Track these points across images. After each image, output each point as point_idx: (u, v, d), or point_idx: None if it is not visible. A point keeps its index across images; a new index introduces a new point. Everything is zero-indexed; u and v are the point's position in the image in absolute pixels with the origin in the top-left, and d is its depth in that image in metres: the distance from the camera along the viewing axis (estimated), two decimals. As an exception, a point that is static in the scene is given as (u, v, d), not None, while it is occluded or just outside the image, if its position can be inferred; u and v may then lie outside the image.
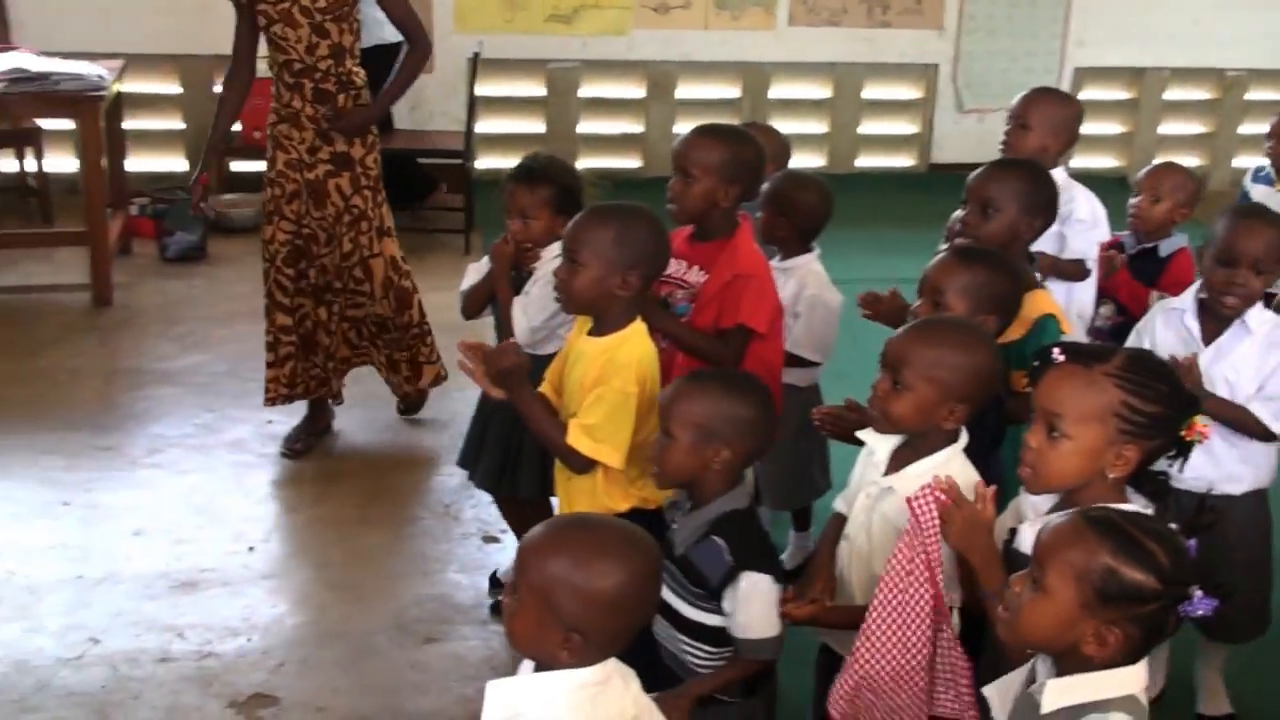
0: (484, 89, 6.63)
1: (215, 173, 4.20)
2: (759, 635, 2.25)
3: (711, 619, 2.28)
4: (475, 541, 3.80)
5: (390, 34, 4.30)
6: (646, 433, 2.53)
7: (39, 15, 6.35)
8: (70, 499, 3.92)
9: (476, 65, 6.31)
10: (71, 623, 3.33)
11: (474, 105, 6.30)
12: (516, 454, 3.26)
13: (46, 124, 6.18)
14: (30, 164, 6.35)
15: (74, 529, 3.79)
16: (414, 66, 4.08)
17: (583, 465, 2.53)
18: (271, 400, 4.19)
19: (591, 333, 2.59)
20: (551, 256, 3.10)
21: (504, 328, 3.19)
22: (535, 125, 7.23)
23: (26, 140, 6.23)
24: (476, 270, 3.28)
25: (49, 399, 4.57)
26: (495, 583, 3.52)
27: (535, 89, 7.18)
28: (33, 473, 4.06)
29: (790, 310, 3.25)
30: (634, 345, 2.55)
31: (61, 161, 6.42)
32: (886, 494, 2.29)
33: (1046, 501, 2.09)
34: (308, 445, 4.25)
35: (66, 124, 6.05)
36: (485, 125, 6.93)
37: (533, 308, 3.11)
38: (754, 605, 2.23)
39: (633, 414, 2.49)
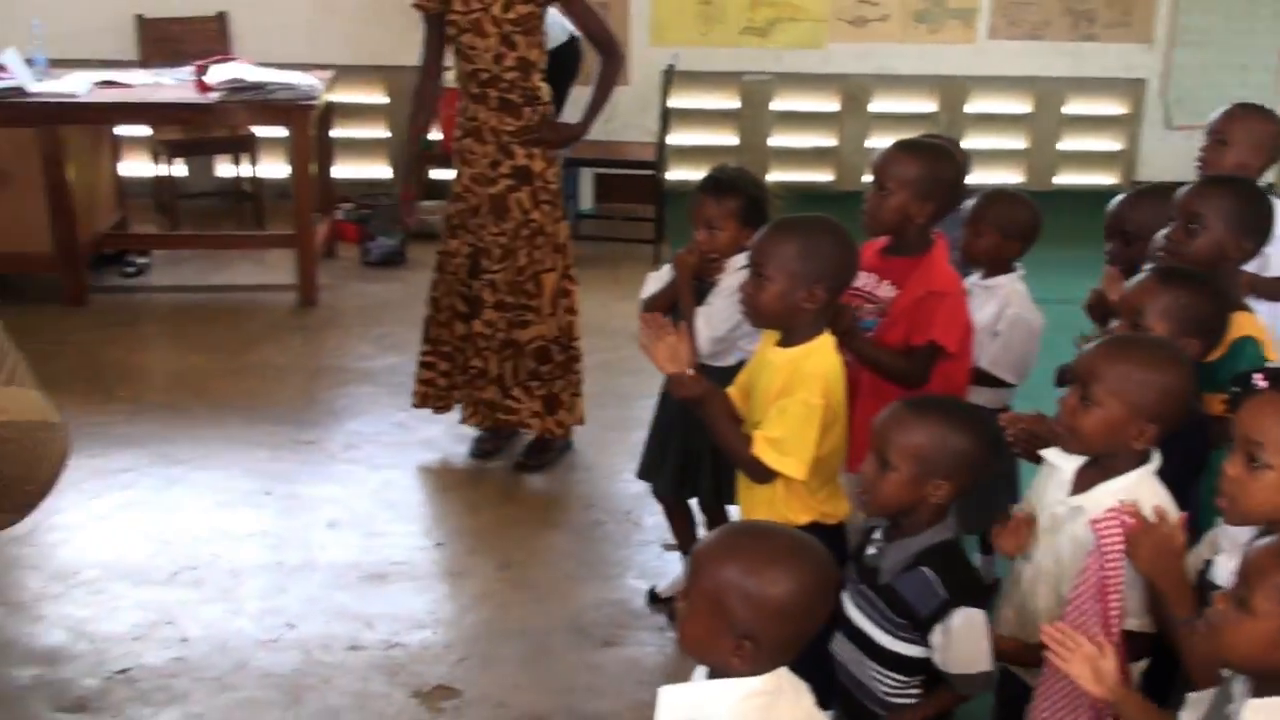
0: (677, 101, 6.68)
1: (416, 184, 4.29)
2: (972, 670, 2.20)
3: (911, 650, 2.22)
4: (655, 549, 3.83)
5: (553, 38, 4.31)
6: (830, 445, 2.51)
7: (257, 28, 6.67)
8: (272, 489, 4.10)
9: (671, 78, 6.36)
10: (269, 607, 3.48)
11: (667, 117, 6.36)
12: (696, 460, 3.28)
13: (261, 131, 6.47)
14: (245, 169, 6.67)
15: (274, 518, 3.96)
16: (611, 78, 4.10)
17: (765, 476, 2.52)
18: (420, 403, 4.30)
19: (779, 343, 2.58)
20: (736, 268, 3.10)
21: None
22: (728, 138, 7.25)
23: (243, 147, 6.54)
24: (658, 279, 3.29)
25: (256, 393, 4.79)
26: (654, 598, 3.55)
27: (728, 101, 7.20)
28: (239, 463, 4.26)
29: (989, 329, 3.19)
30: (821, 357, 2.53)
31: (273, 168, 6.72)
32: (1076, 514, 2.22)
33: (1245, 534, 2.00)
34: (495, 447, 4.34)
35: (279, 131, 6.34)
36: (677, 137, 6.99)
37: (715, 319, 3.12)
38: (969, 641, 2.18)
39: (817, 426, 2.47)
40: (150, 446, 4.31)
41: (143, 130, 6.41)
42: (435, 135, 6.70)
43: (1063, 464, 2.27)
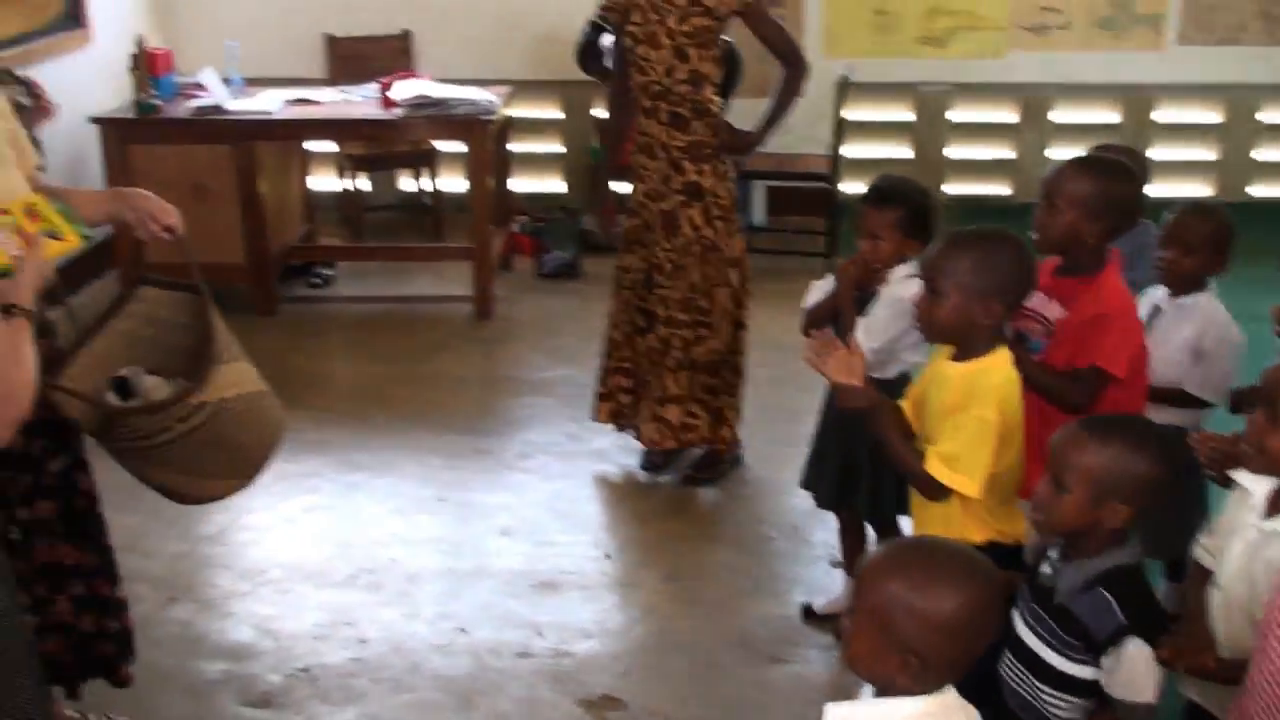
0: (850, 113, 6.62)
1: (610, 197, 4.33)
2: (1138, 700, 2.13)
3: (1083, 671, 2.17)
4: (823, 565, 3.79)
5: None
6: (1006, 463, 2.46)
7: (439, 45, 6.85)
8: (447, 496, 4.20)
9: (845, 89, 6.30)
10: (443, 611, 3.56)
11: (842, 130, 6.30)
12: (855, 471, 3.25)
13: (442, 146, 6.64)
14: (426, 183, 6.85)
15: (449, 524, 4.05)
16: (793, 88, 4.07)
17: (939, 493, 2.48)
18: (603, 418, 4.34)
19: (954, 357, 2.54)
20: (899, 278, 3.08)
21: None
22: (903, 150, 7.15)
23: (424, 161, 6.73)
24: (820, 288, 3.28)
25: (434, 402, 4.91)
26: (810, 614, 3.52)
27: (904, 113, 7.11)
28: (416, 469, 4.37)
29: (1188, 349, 3.09)
30: (996, 372, 2.48)
31: (453, 181, 6.89)
32: (1272, 539, 2.12)
33: None
34: (665, 460, 4.36)
35: (459, 146, 6.49)
36: (851, 150, 6.92)
37: (876, 329, 3.08)
38: (1140, 670, 2.12)
39: (992, 443, 2.42)
40: (334, 452, 4.46)
41: (330, 145, 6.64)
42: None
43: (1255, 486, 2.18)
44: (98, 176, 5.62)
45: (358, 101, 5.81)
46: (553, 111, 7.06)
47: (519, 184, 6.85)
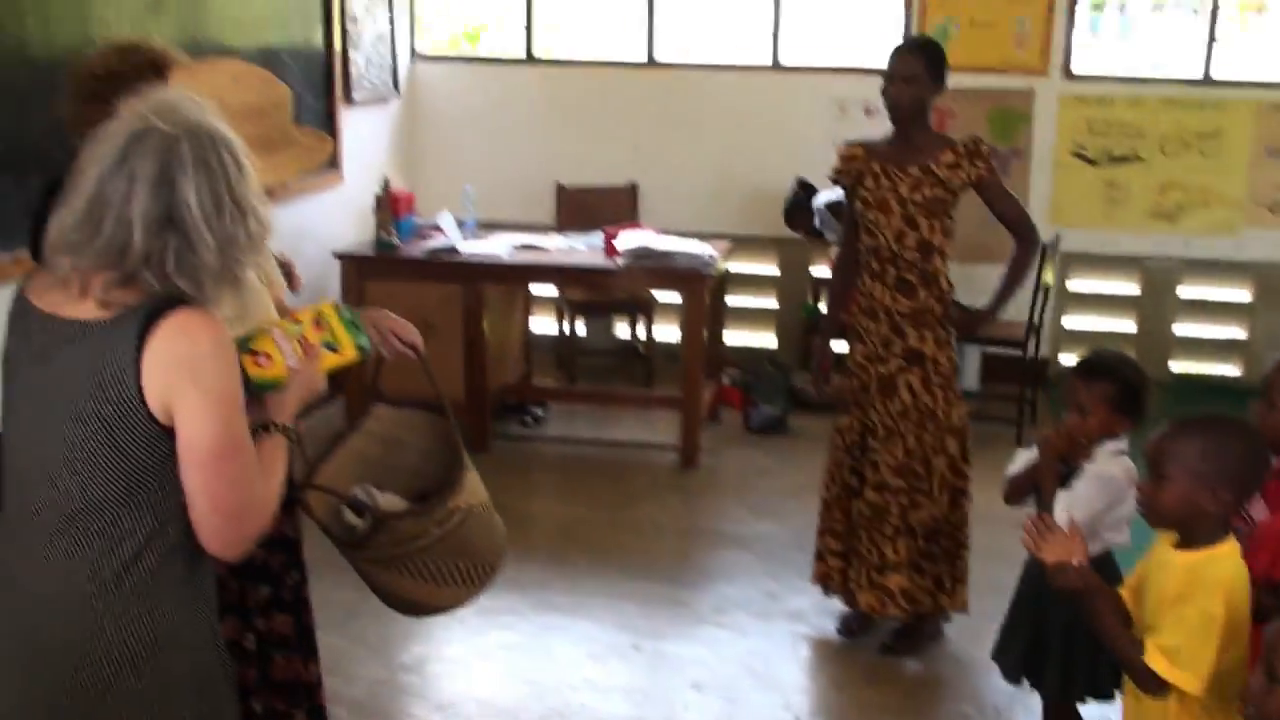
0: (1073, 284, 6.52)
1: (828, 356, 4.34)
2: None
3: None
4: (1026, 751, 3.63)
5: None
6: (1230, 661, 2.32)
7: (664, 199, 7.06)
8: (641, 644, 4.19)
9: (1048, 254, 6.19)
10: (629, 763, 3.53)
11: (1046, 294, 6.15)
12: (1044, 648, 3.12)
13: (659, 295, 6.79)
14: (641, 331, 7.00)
15: (641, 673, 4.03)
16: (1025, 262, 4.04)
17: (1156, 687, 2.35)
18: (815, 579, 4.27)
19: (1177, 545, 2.43)
20: (1105, 455, 3.01)
21: None
22: (1126, 324, 6.96)
23: (641, 309, 6.88)
24: (1024, 457, 3.21)
25: (633, 548, 4.93)
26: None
27: (1128, 287, 6.94)
28: (611, 615, 4.38)
29: None
30: (1224, 564, 2.36)
31: (667, 330, 7.01)
32: None
33: None
34: (862, 627, 4.26)
35: (676, 297, 6.62)
36: (1072, 321, 6.79)
37: (1077, 505, 2.98)
38: None
39: (1217, 638, 2.29)
40: (531, 591, 4.51)
41: (552, 290, 6.87)
42: (824, 307, 6.83)
43: None
44: (335, 308, 5.92)
45: (582, 249, 6.00)
46: (769, 267, 7.15)
47: (732, 337, 6.93)
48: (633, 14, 7.13)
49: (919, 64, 3.87)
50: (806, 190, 6.08)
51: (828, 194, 5.76)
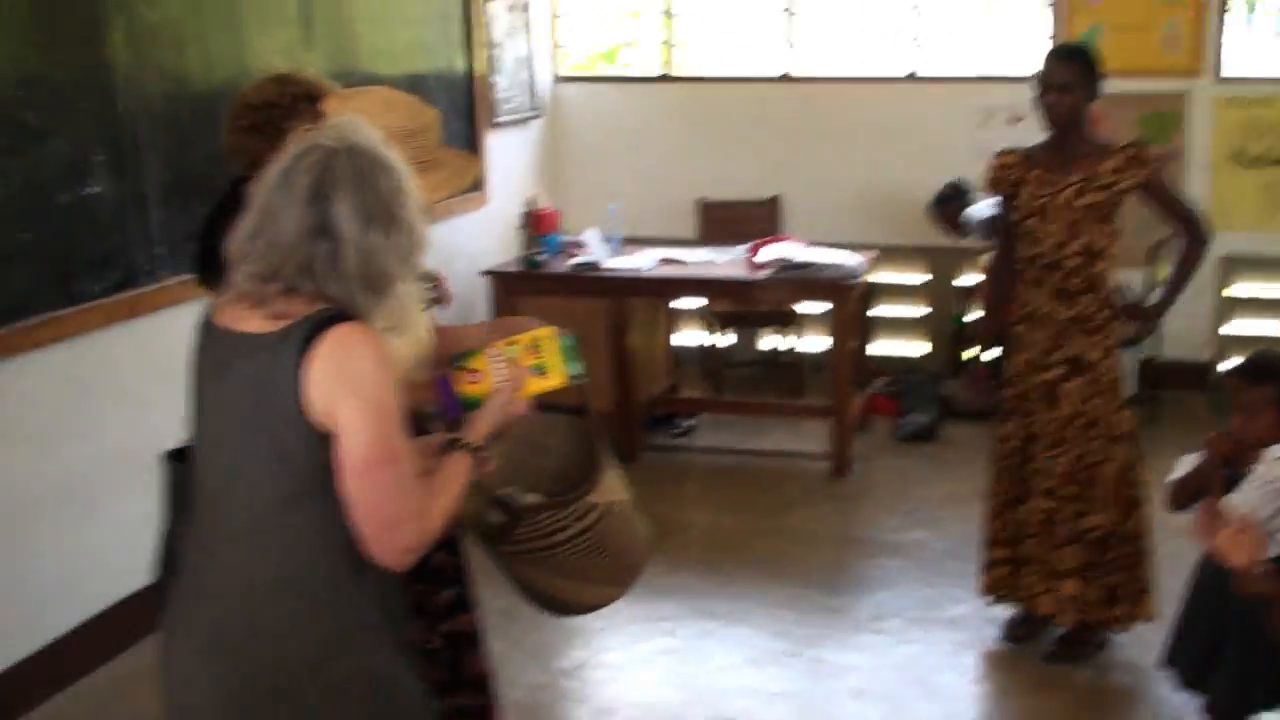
0: (1235, 289, 6.31)
1: (984, 369, 4.25)
2: None
3: None
4: (1204, 760, 3.50)
5: None
6: None
7: (806, 210, 7.03)
8: (799, 651, 4.16)
9: (1228, 264, 6.01)
10: (792, 768, 3.50)
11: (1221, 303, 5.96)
12: (1221, 652, 3.01)
13: (805, 307, 6.75)
14: (787, 342, 6.96)
15: (800, 680, 4.00)
16: (1195, 258, 3.93)
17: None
18: (982, 591, 4.19)
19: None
20: (1272, 458, 2.91)
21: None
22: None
23: (786, 321, 6.85)
24: (1188, 463, 3.12)
25: (788, 556, 4.91)
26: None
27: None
28: (768, 622, 4.36)
29: None
30: None
31: (814, 341, 6.97)
32: None
33: None
34: (1029, 633, 4.16)
35: (822, 307, 6.58)
36: (1238, 326, 6.57)
37: (1243, 509, 2.87)
38: None
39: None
40: (688, 599, 4.51)
41: (697, 303, 6.88)
42: (970, 315, 6.73)
43: None
44: (485, 325, 6.03)
45: (725, 262, 6.01)
46: (916, 276, 7.06)
47: (880, 346, 6.86)
48: (769, 29, 7.13)
49: (1074, 71, 3.79)
50: (959, 191, 6.00)
51: (983, 207, 5.68)
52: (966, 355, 6.59)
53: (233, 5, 4.63)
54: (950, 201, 6.06)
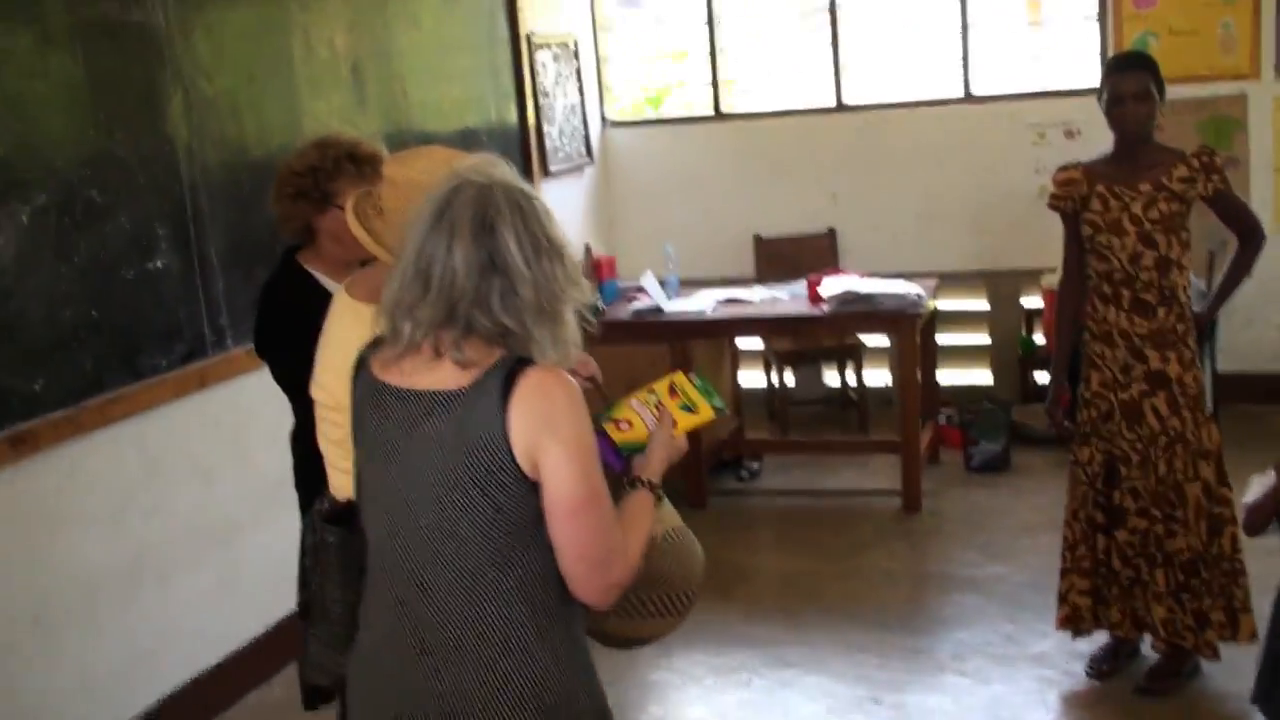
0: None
1: (1061, 388, 4.17)
2: None
3: None
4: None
5: None
6: None
7: (864, 242, 6.98)
8: (881, 696, 4.09)
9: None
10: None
11: None
12: None
13: (867, 339, 6.69)
14: (851, 377, 6.90)
15: (884, 727, 3.94)
16: (1248, 263, 3.87)
17: None
18: (1061, 624, 4.09)
19: None
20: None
21: None
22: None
23: (849, 355, 6.79)
24: (1260, 483, 3.02)
25: (863, 597, 4.84)
26: None
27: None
28: (847, 667, 4.29)
29: None
30: None
31: (877, 374, 6.90)
32: None
33: None
34: (1114, 668, 4.07)
35: (884, 339, 6.52)
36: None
37: None
38: None
39: None
40: (764, 647, 4.45)
41: (757, 342, 6.85)
42: (1038, 338, 6.64)
43: None
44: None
45: (785, 299, 5.98)
46: (979, 302, 6.98)
47: (946, 375, 6.77)
48: (817, 60, 7.11)
49: (1147, 78, 3.75)
50: None
51: None
52: (1042, 379, 6.50)
53: (287, 72, 4.69)
54: None
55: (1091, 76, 6.49)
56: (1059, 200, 3.93)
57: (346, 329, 2.53)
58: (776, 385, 6.88)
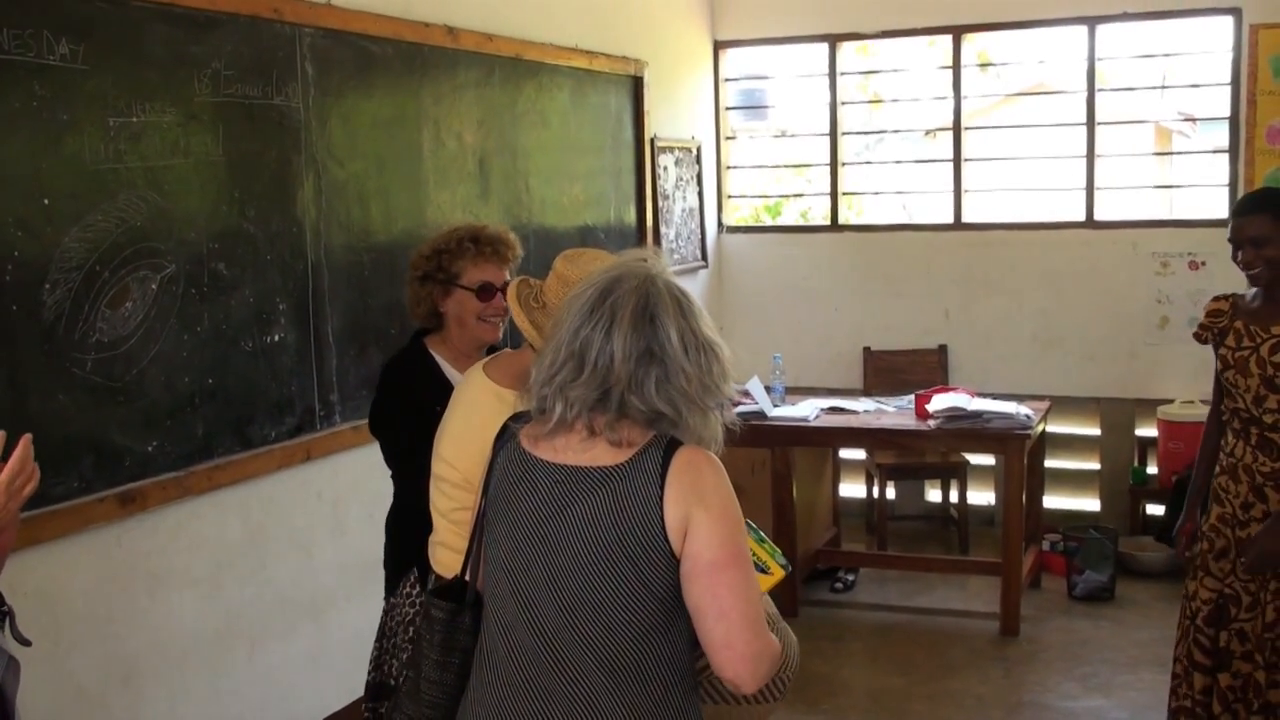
0: None
1: (1193, 514, 4.04)
2: None
3: None
4: None
5: None
6: None
7: (975, 360, 6.93)
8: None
9: None
10: None
11: None
12: None
13: (973, 458, 6.60)
14: (953, 495, 6.80)
15: None
16: None
17: None
18: None
19: None
20: None
21: None
22: None
23: (953, 473, 6.70)
24: None
25: (952, 721, 4.73)
26: None
27: None
28: (931, 792, 4.19)
29: None
30: None
31: (981, 494, 6.79)
32: None
33: None
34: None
35: (989, 459, 6.41)
36: None
37: None
38: None
39: None
40: (847, 762, 4.37)
41: (860, 453, 6.79)
42: (1151, 469, 6.49)
43: None
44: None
45: (890, 412, 5.94)
46: (1090, 428, 6.86)
47: (1051, 500, 6.64)
48: (938, 177, 7.14)
49: (1267, 223, 3.63)
50: None
51: None
52: (1153, 510, 6.34)
53: (415, 162, 4.84)
54: None
55: (1220, 207, 6.42)
56: (1203, 330, 3.87)
57: (486, 411, 2.56)
58: (877, 498, 6.80)
